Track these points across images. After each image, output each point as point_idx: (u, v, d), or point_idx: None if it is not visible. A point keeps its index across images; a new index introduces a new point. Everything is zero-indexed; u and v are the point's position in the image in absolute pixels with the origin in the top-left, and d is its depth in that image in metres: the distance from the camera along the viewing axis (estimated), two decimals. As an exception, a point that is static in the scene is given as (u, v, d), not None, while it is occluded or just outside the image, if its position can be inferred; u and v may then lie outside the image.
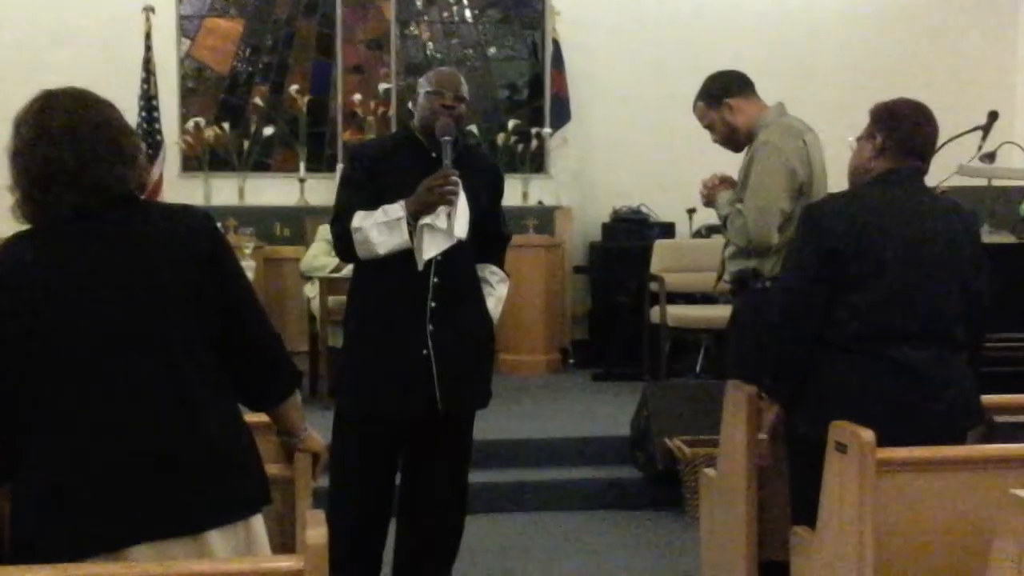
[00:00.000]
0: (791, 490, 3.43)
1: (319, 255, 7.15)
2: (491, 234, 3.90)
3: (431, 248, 3.61)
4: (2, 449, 2.29)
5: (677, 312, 7.62)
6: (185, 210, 2.48)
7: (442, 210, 3.59)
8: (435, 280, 3.67)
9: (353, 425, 3.77)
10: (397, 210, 3.58)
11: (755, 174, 4.08)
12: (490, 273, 3.91)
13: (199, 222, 2.43)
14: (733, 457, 3.73)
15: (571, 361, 8.80)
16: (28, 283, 2.28)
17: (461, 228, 3.63)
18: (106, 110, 2.40)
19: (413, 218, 3.58)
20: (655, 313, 7.68)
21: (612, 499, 5.81)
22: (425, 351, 3.66)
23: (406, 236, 3.58)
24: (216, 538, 2.30)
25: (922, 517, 2.97)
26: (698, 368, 8.12)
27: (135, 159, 2.40)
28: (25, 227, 2.38)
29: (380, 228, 3.58)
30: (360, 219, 3.62)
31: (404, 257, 3.61)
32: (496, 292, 3.91)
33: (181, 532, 2.26)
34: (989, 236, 5.40)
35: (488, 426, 3.98)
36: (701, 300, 8.14)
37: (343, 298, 6.80)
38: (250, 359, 2.50)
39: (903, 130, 3.29)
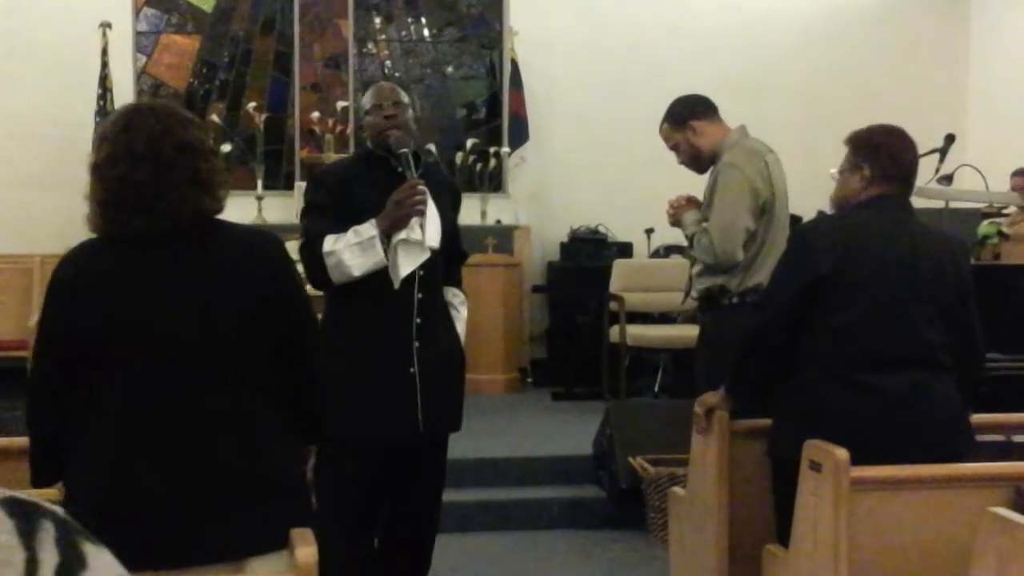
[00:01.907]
0: (775, 511, 3.44)
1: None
2: (452, 252, 3.84)
3: (407, 264, 3.54)
4: (55, 448, 2.30)
5: (636, 331, 7.65)
6: (255, 234, 2.47)
7: (414, 222, 3.53)
8: (419, 296, 3.60)
9: (340, 448, 3.57)
10: (369, 229, 3.50)
11: (719, 194, 4.21)
12: (452, 295, 3.86)
13: (268, 247, 2.42)
14: (703, 475, 3.73)
15: (529, 380, 8.79)
16: (94, 293, 2.28)
17: (432, 237, 3.57)
18: (188, 132, 2.36)
19: (385, 235, 3.51)
20: (615, 332, 7.69)
21: (575, 518, 5.80)
22: (412, 369, 3.58)
23: (381, 254, 3.50)
24: (258, 565, 2.28)
25: (897, 536, 2.98)
26: (657, 387, 8.15)
27: (212, 183, 2.37)
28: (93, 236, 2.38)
29: (353, 250, 3.50)
30: (331, 243, 3.51)
31: (383, 276, 3.54)
32: (461, 314, 3.86)
33: (226, 558, 2.25)
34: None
35: (449, 445, 3.93)
36: (659, 320, 8.17)
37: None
38: (301, 390, 2.48)
39: (888, 157, 3.33)
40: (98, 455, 2.25)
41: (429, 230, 3.55)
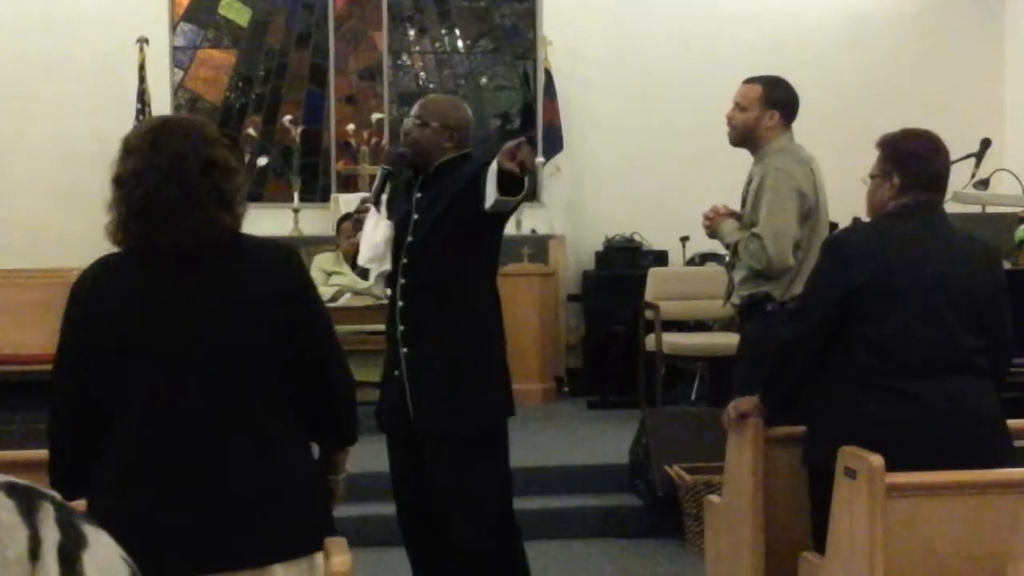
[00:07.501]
0: (812, 518, 3.43)
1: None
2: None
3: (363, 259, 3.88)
4: (76, 462, 2.32)
5: (672, 340, 7.62)
6: (273, 246, 2.50)
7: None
8: (400, 304, 3.78)
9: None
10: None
11: (769, 198, 4.19)
12: None
13: (286, 260, 2.45)
14: (738, 483, 3.73)
15: (566, 389, 8.78)
16: (112, 308, 2.32)
17: (362, 254, 3.86)
18: (214, 150, 2.39)
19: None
20: (650, 341, 7.67)
21: (612, 527, 5.80)
22: (397, 372, 3.79)
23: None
24: (280, 573, 2.30)
25: (932, 542, 2.97)
26: (693, 396, 8.12)
27: (235, 203, 2.40)
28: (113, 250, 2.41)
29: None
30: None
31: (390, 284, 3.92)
32: None
33: (248, 565, 2.28)
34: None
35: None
36: (695, 328, 8.15)
37: (339, 327, 6.87)
38: (323, 399, 2.51)
39: (918, 165, 3.30)
40: (120, 467, 2.29)
41: (363, 246, 3.83)
